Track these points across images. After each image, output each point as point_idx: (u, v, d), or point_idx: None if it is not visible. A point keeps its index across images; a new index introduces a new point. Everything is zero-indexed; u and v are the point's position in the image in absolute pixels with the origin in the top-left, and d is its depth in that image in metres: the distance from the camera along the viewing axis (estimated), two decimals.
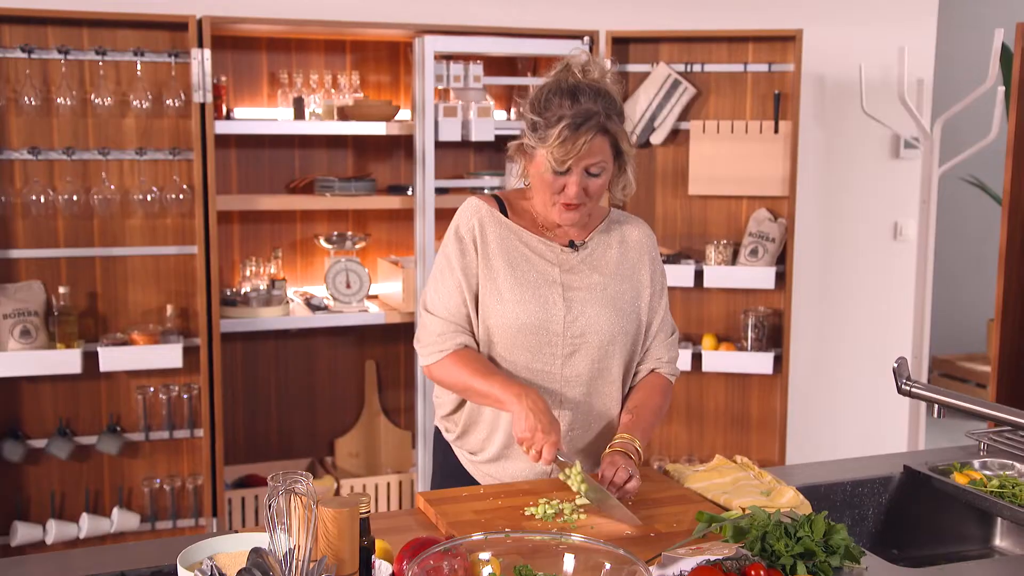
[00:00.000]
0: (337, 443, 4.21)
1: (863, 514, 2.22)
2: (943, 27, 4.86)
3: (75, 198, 3.48)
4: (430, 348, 2.10)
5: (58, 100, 3.42)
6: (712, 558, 1.59)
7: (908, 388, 2.10)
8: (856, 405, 4.76)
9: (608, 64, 2.08)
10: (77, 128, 3.49)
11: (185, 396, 3.67)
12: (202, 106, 3.48)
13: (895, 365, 2.11)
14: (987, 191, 6.33)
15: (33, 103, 3.39)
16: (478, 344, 2.12)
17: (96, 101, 3.46)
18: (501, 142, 4.00)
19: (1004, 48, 4.36)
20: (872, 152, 4.65)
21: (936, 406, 2.06)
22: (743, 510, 1.89)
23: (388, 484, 4.05)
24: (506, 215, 2.14)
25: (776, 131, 4.00)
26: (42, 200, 3.44)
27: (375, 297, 4.13)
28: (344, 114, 3.84)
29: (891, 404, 4.64)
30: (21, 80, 3.39)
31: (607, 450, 2.05)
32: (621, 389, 2.17)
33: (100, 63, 3.46)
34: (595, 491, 1.91)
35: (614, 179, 2.09)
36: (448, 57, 3.87)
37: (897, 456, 2.36)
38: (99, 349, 3.47)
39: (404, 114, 4.06)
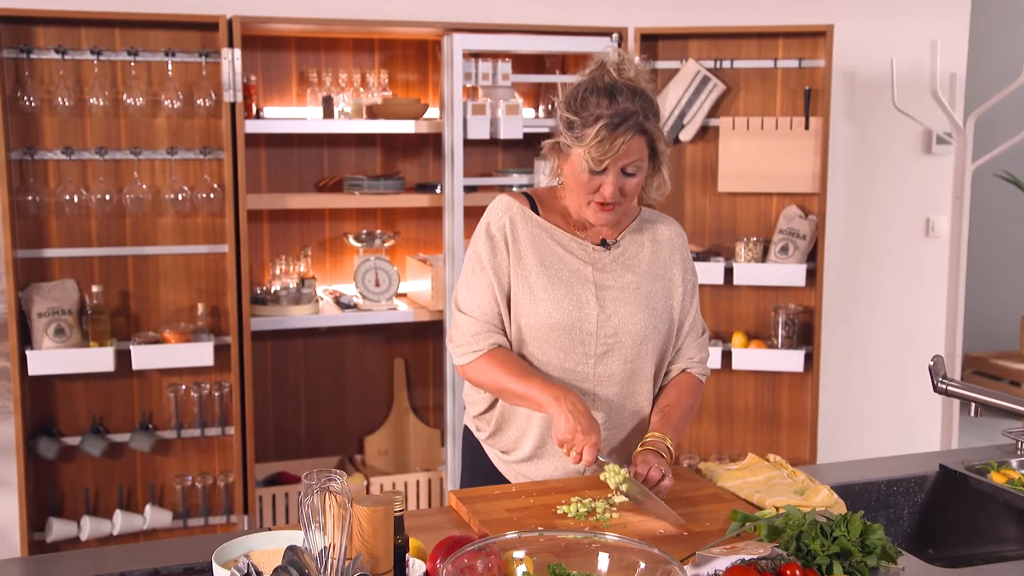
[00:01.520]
0: (366, 441, 4.22)
1: (898, 514, 2.20)
2: (976, 21, 4.81)
3: (107, 198, 3.51)
4: (464, 348, 2.10)
5: (91, 100, 3.45)
6: (747, 557, 1.57)
7: (945, 386, 2.07)
8: (888, 403, 4.72)
9: (642, 63, 2.06)
10: (109, 128, 3.52)
11: (216, 394, 3.70)
12: (232, 105, 3.50)
13: (931, 363, 2.09)
14: (1021, 187, 6.25)
15: (66, 104, 3.42)
16: (511, 343, 2.12)
17: (128, 101, 3.49)
18: (530, 140, 4.00)
19: None
20: (904, 148, 4.60)
21: (973, 405, 2.03)
22: (777, 509, 1.88)
23: (417, 482, 4.06)
24: (537, 213, 2.13)
25: (807, 127, 3.97)
26: (75, 200, 3.47)
27: (404, 295, 4.14)
28: (373, 113, 3.85)
29: (923, 402, 4.60)
30: (55, 81, 3.42)
31: (638, 448, 2.04)
32: (653, 388, 2.16)
33: (132, 63, 3.49)
34: (637, 489, 1.91)
35: (648, 178, 2.07)
36: (476, 55, 3.86)
37: (932, 455, 2.33)
38: (131, 347, 3.50)
39: (433, 112, 4.06)
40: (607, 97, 1.96)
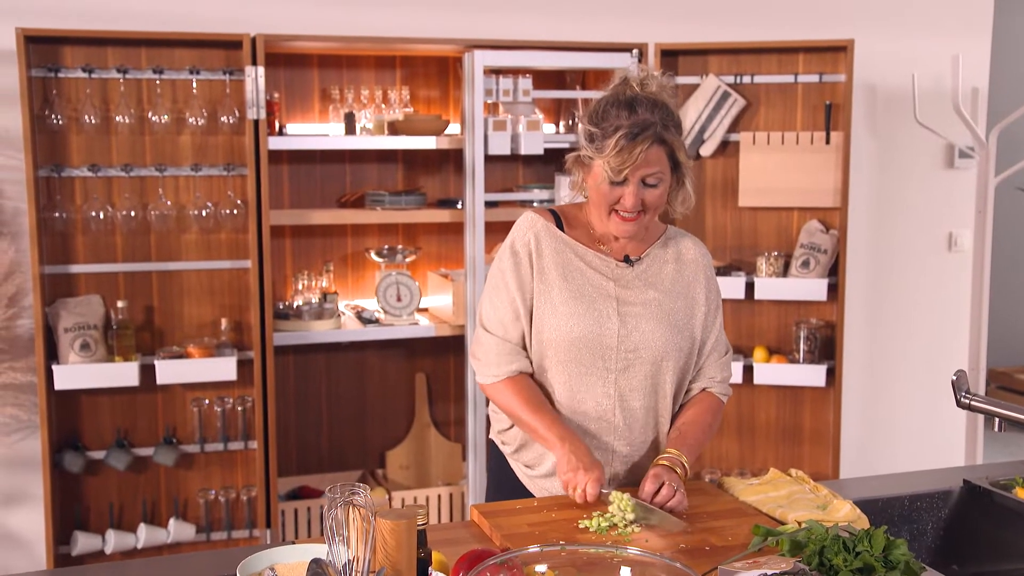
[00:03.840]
0: (388, 455, 4.23)
1: (922, 529, 2.19)
2: (998, 35, 4.79)
3: (132, 214, 3.55)
4: (487, 369, 2.12)
5: (117, 118, 3.50)
6: (769, 572, 1.57)
7: (968, 401, 2.06)
8: (911, 418, 4.69)
9: (665, 78, 2.08)
10: (135, 145, 3.56)
11: (239, 408, 3.72)
12: (256, 123, 3.54)
13: (954, 378, 2.08)
14: None
15: (93, 122, 3.47)
16: (531, 359, 2.13)
17: (153, 119, 3.53)
18: (550, 155, 4.01)
19: None
20: (926, 162, 4.59)
21: (998, 420, 2.02)
22: (799, 524, 1.87)
23: (439, 496, 4.07)
24: (562, 229, 2.14)
25: (827, 142, 3.97)
26: (101, 216, 3.51)
27: (425, 310, 4.16)
28: (394, 129, 3.87)
29: (947, 417, 4.57)
30: (81, 99, 3.47)
31: (653, 464, 2.05)
32: (672, 406, 2.16)
33: (157, 81, 3.53)
34: (642, 510, 1.91)
35: (672, 192, 2.09)
36: (497, 71, 3.89)
37: (956, 470, 2.32)
38: (156, 362, 3.53)
39: (454, 128, 4.09)
40: (627, 109, 1.99)
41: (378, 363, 4.24)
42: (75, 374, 3.44)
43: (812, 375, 4.01)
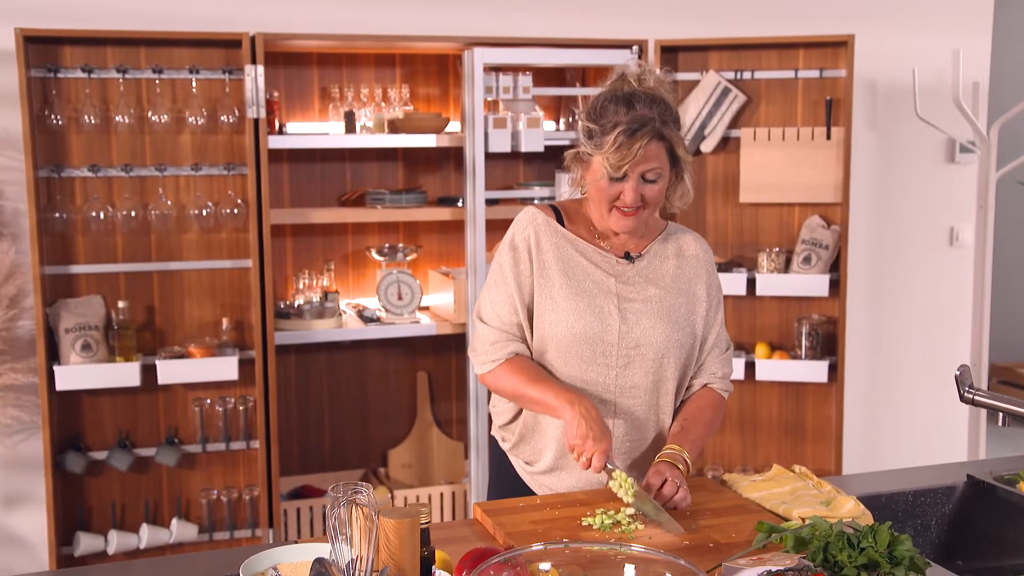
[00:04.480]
0: (390, 454, 4.23)
1: (926, 524, 2.19)
2: (998, 29, 4.78)
3: (133, 214, 3.55)
4: (484, 357, 2.11)
5: (116, 118, 3.49)
6: (773, 569, 1.57)
7: (971, 396, 2.05)
8: (914, 414, 4.68)
9: (662, 74, 2.08)
10: (135, 145, 3.56)
11: (241, 408, 3.72)
12: (256, 122, 3.53)
13: (957, 372, 2.07)
14: None
15: (93, 122, 3.46)
16: (532, 354, 2.12)
17: (153, 118, 3.53)
18: (551, 152, 4.01)
19: None
20: (927, 157, 4.58)
21: (1001, 414, 2.01)
22: (803, 520, 1.87)
23: (441, 495, 4.06)
24: (563, 224, 2.14)
25: (828, 137, 3.96)
26: (101, 216, 3.51)
27: (427, 308, 4.15)
28: (394, 127, 3.87)
29: (950, 412, 4.57)
30: (81, 99, 3.46)
31: (655, 460, 2.04)
32: (674, 402, 2.16)
33: (157, 81, 3.53)
34: (643, 501, 1.90)
35: (671, 187, 2.08)
36: (497, 69, 3.88)
37: (960, 465, 2.32)
38: (157, 362, 3.53)
39: (454, 126, 4.08)
40: (625, 105, 1.99)
41: (379, 362, 4.23)
42: (76, 375, 3.44)
43: (814, 371, 4.01)
